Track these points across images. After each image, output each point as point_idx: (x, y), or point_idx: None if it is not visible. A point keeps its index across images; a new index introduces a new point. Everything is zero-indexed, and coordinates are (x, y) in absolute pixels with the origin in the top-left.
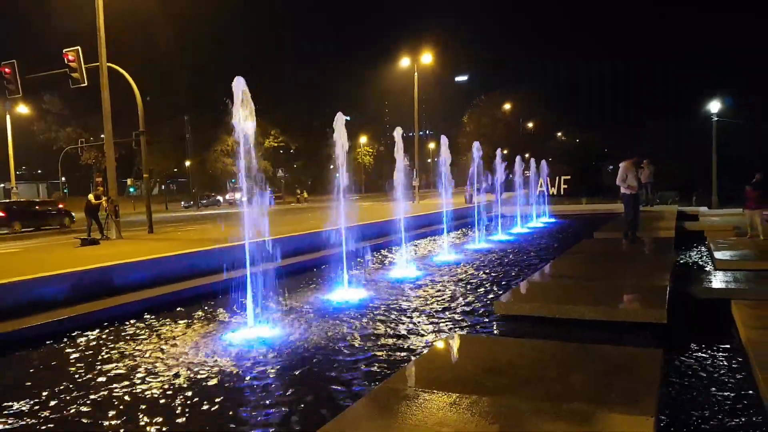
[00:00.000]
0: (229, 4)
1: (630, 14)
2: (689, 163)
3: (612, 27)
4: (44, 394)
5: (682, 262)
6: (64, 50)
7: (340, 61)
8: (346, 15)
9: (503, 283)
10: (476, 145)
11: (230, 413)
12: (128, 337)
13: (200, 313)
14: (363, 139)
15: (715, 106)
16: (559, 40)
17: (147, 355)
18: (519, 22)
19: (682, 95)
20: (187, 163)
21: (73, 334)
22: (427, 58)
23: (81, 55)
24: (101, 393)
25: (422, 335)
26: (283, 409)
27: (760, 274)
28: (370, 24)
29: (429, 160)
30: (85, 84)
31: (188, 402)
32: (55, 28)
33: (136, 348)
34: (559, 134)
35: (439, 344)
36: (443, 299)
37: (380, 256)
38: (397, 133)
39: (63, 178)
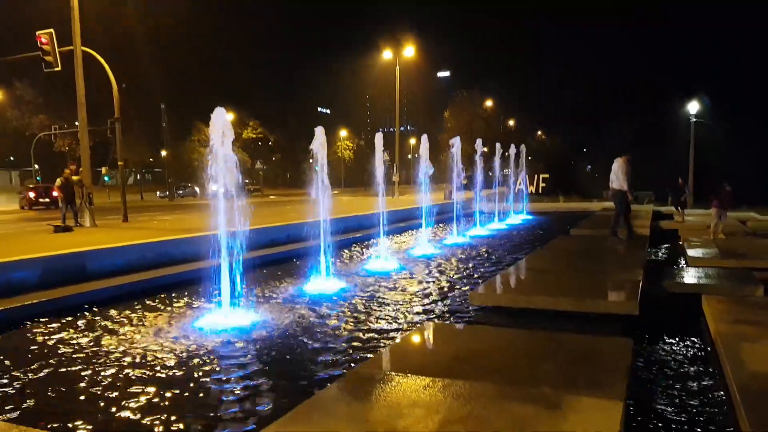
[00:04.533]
0: None
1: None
2: (667, 155)
3: (594, 20)
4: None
5: (656, 258)
6: (37, 33)
7: (322, 53)
8: (330, 3)
9: (480, 275)
10: (456, 141)
11: (201, 396)
12: (101, 323)
13: (175, 299)
14: (343, 133)
15: (693, 107)
16: (543, 30)
17: (119, 340)
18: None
19: (660, 88)
20: (163, 153)
21: (43, 319)
22: (409, 51)
23: (54, 39)
24: (71, 374)
25: (398, 324)
26: (254, 392)
27: (731, 271)
28: (353, 14)
29: (410, 156)
30: (59, 68)
31: (161, 383)
32: (28, 11)
33: (109, 333)
34: (539, 133)
35: (413, 332)
36: (420, 290)
37: (357, 250)
38: (378, 138)
39: (36, 166)
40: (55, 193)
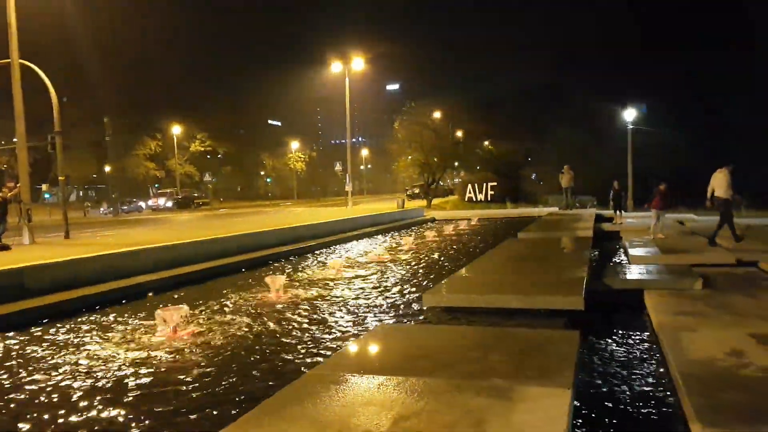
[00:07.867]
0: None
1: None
2: (603, 168)
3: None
4: None
5: (600, 258)
6: None
7: (273, 66)
8: (279, 17)
9: (432, 277)
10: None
11: (161, 399)
12: (46, 339)
13: (124, 313)
14: (295, 145)
15: (630, 114)
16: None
17: (64, 356)
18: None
19: (600, 98)
20: (107, 169)
21: None
22: (358, 64)
23: None
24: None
25: (352, 327)
26: (210, 395)
27: (669, 267)
28: (302, 27)
29: (362, 167)
30: None
31: (112, 391)
32: None
33: (52, 350)
34: (486, 143)
35: (368, 334)
36: (374, 294)
37: (311, 257)
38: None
39: None
40: None
